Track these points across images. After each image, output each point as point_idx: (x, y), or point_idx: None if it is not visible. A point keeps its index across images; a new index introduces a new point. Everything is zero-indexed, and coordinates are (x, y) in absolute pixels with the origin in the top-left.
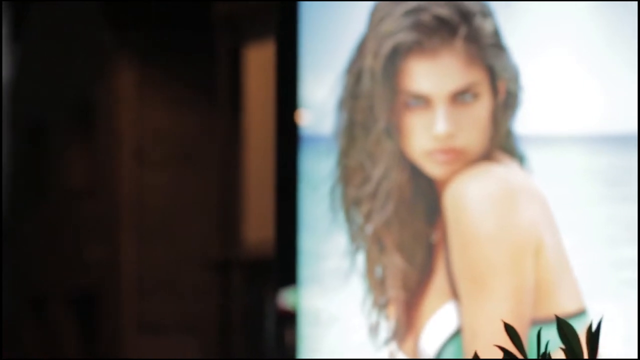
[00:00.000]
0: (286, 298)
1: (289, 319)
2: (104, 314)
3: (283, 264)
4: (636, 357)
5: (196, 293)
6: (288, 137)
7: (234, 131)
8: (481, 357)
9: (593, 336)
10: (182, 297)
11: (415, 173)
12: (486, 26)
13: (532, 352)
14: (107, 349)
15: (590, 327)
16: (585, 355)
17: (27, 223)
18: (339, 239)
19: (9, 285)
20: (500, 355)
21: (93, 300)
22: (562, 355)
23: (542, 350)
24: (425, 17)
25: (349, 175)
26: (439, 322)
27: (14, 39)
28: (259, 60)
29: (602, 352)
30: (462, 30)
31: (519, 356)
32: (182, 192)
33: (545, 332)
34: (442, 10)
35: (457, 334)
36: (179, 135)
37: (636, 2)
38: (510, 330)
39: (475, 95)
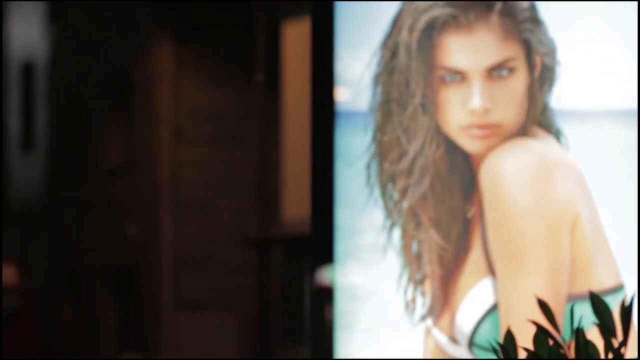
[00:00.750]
0: (324, 274)
1: (326, 295)
2: (142, 291)
3: (319, 240)
4: (636, 357)
5: (234, 270)
6: (324, 114)
7: (272, 109)
8: (517, 332)
9: (626, 312)
10: (219, 274)
11: (451, 148)
12: (522, 1)
13: (568, 327)
14: (145, 325)
15: (623, 303)
16: (619, 330)
17: (65, 200)
18: (376, 215)
19: (48, 261)
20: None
21: (131, 277)
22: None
23: (576, 325)
24: None
25: (384, 150)
26: (475, 298)
27: (52, 17)
28: (297, 37)
29: (637, 327)
30: (498, 5)
31: (553, 331)
32: (220, 169)
33: (582, 308)
34: None
35: (493, 310)
36: (216, 113)
37: (635, 3)
38: (543, 306)
39: (512, 70)
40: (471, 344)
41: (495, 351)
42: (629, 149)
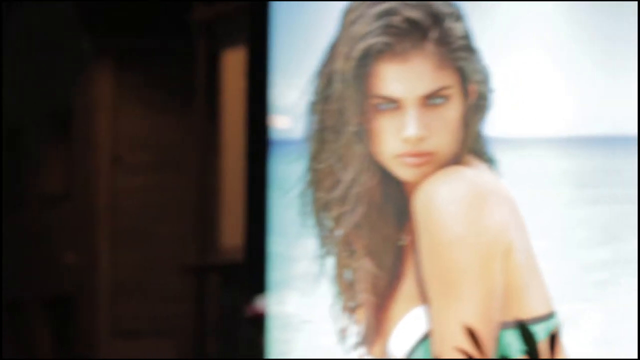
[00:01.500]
0: (258, 302)
1: (260, 323)
2: (80, 318)
3: (253, 268)
4: (636, 357)
5: (171, 297)
6: (259, 141)
7: (210, 136)
8: None
9: (552, 340)
10: (157, 301)
11: (386, 177)
12: (457, 28)
13: (494, 356)
14: (82, 353)
15: (551, 331)
16: (546, 357)
17: (2, 227)
18: (309, 243)
19: None
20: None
21: (68, 304)
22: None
23: (504, 354)
24: (397, 20)
25: (319, 179)
26: (407, 326)
27: None
28: (236, 65)
29: (572, 354)
30: (433, 33)
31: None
32: (158, 197)
33: (510, 336)
34: (414, 13)
35: (426, 338)
36: (155, 141)
37: (635, 3)
38: (472, 335)
39: (446, 98)
40: None
41: None
42: (567, 176)
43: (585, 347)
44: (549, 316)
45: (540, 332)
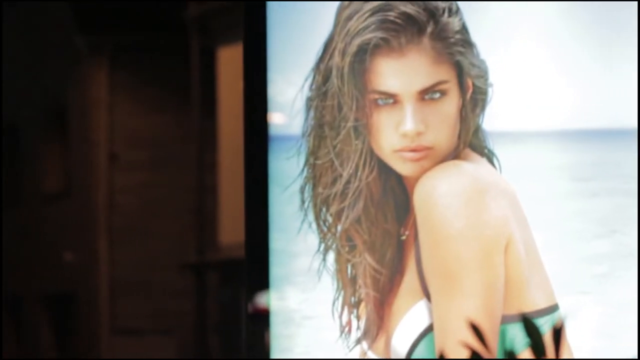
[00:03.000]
0: (260, 298)
1: (261, 319)
2: (80, 316)
3: (254, 265)
4: (636, 357)
5: (172, 294)
6: (257, 138)
7: (208, 133)
8: (451, 354)
9: (557, 333)
10: (157, 298)
11: (385, 171)
12: (453, 23)
13: (501, 349)
14: (83, 350)
15: (554, 324)
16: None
17: (2, 225)
18: (310, 239)
19: None
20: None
21: (69, 302)
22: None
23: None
24: (392, 15)
25: (318, 174)
26: (410, 320)
27: None
28: (231, 61)
29: (574, 347)
30: (429, 28)
31: (485, 354)
32: (157, 194)
33: (516, 329)
34: (409, 8)
35: (428, 332)
36: (152, 138)
37: (636, 3)
38: (475, 329)
39: (443, 93)
40: None
41: None
42: (563, 169)
43: (586, 340)
44: (553, 309)
45: (544, 326)
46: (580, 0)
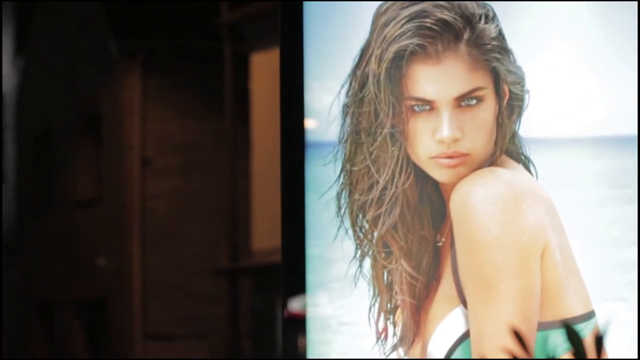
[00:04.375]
0: (295, 304)
1: (298, 325)
2: (112, 321)
3: (291, 270)
4: (636, 357)
5: (204, 300)
6: (294, 144)
7: (241, 139)
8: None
9: (599, 341)
10: (189, 303)
11: (421, 178)
12: (490, 29)
13: (539, 355)
14: (115, 355)
15: (596, 332)
16: (592, 358)
17: (36, 231)
18: (346, 245)
19: (17, 292)
20: (507, 358)
21: (101, 307)
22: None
23: (550, 354)
24: (429, 22)
25: (354, 181)
26: (447, 327)
27: (17, 50)
28: (265, 67)
29: (610, 354)
30: (466, 34)
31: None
32: (189, 199)
33: (553, 336)
34: (446, 14)
35: (465, 338)
36: (185, 143)
37: (636, 2)
38: (518, 336)
39: (480, 99)
40: None
41: None
42: (600, 176)
43: (622, 347)
44: (589, 316)
45: (582, 332)
46: (614, 0)
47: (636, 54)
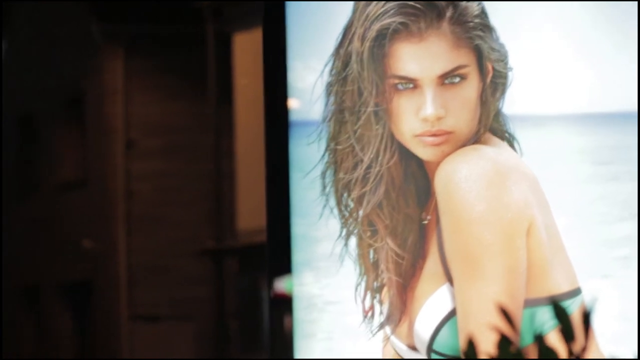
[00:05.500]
0: (281, 283)
1: (284, 304)
2: (98, 304)
3: (276, 250)
4: (636, 357)
5: (190, 281)
6: (277, 124)
7: (224, 120)
8: (475, 337)
9: (586, 317)
10: (176, 285)
11: (406, 156)
12: (472, 7)
13: (525, 332)
14: (102, 337)
15: (583, 308)
16: (580, 335)
17: (19, 214)
18: (332, 224)
19: (1, 275)
20: (494, 335)
21: (87, 290)
22: (557, 335)
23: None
24: (411, 0)
25: (339, 160)
26: (433, 305)
27: None
28: (247, 48)
29: (597, 330)
30: (448, 12)
31: (513, 337)
32: (174, 181)
33: (538, 312)
34: None
35: (451, 316)
36: (168, 125)
37: (636, 2)
38: (504, 313)
39: (463, 77)
40: (430, 350)
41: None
42: (585, 153)
43: (608, 323)
44: (575, 292)
45: (569, 308)
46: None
47: (620, 32)
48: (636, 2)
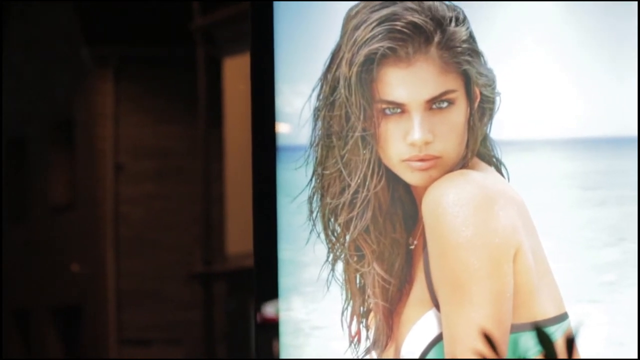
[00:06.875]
0: (268, 308)
1: (271, 329)
2: (87, 327)
3: (263, 274)
4: (636, 357)
5: (179, 305)
6: (265, 148)
7: (214, 143)
8: None
9: (569, 343)
10: (164, 309)
11: (393, 181)
12: (460, 32)
13: (511, 357)
14: None
15: (567, 333)
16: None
17: (10, 238)
18: (318, 249)
19: None
20: None
21: (76, 313)
22: None
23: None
24: (400, 25)
25: (326, 184)
26: (420, 330)
27: None
28: (237, 72)
29: (583, 355)
30: (436, 37)
31: None
32: (163, 205)
33: (524, 338)
34: (416, 17)
35: (438, 341)
36: (158, 149)
37: (636, 2)
38: (488, 339)
39: (451, 102)
40: None
41: None
42: (571, 178)
43: (596, 349)
44: (562, 318)
45: (554, 334)
46: (586, 0)
47: (609, 55)
48: (627, 23)
